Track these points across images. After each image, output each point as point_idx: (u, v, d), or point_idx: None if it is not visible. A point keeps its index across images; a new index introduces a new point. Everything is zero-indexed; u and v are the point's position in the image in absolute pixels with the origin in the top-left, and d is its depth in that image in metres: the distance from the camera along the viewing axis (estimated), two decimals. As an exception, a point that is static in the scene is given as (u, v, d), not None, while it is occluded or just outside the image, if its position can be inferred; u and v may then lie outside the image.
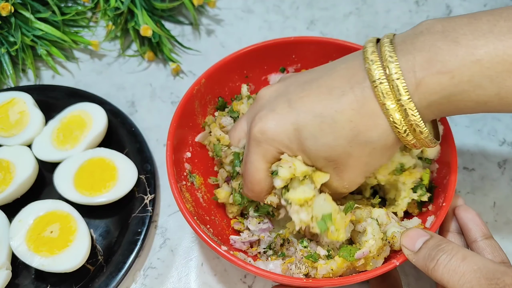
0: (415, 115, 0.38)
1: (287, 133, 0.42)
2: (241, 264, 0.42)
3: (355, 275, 0.43)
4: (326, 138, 0.41)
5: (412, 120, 0.38)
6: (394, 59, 0.38)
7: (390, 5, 0.75)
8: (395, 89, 0.38)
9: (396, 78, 0.38)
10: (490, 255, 0.44)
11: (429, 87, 0.37)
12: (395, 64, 0.38)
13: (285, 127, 0.42)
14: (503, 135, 0.62)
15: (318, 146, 0.42)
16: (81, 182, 0.56)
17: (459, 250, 0.39)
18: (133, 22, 0.69)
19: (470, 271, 0.37)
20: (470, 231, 0.46)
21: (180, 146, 0.52)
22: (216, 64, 0.55)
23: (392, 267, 0.42)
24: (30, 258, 0.51)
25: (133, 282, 0.53)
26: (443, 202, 0.45)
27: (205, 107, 0.56)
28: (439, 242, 0.40)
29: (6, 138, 0.59)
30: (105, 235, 0.55)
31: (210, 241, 0.44)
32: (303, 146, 0.42)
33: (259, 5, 0.76)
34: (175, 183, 0.47)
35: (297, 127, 0.42)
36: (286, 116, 0.42)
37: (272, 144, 0.43)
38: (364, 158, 0.42)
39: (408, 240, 0.42)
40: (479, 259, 0.38)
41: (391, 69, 0.38)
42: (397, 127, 0.39)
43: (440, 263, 0.39)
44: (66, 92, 0.64)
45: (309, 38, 0.57)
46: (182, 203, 0.46)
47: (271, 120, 0.43)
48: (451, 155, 0.47)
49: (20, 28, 0.67)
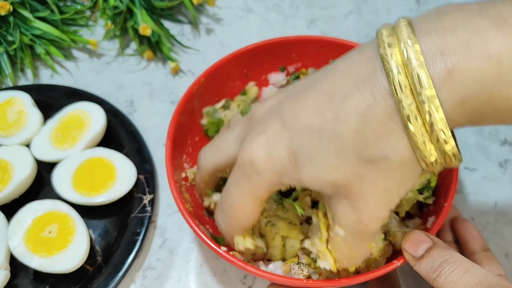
0: (440, 115, 0.29)
1: (282, 161, 0.35)
2: (241, 265, 0.42)
3: (356, 276, 0.42)
4: (328, 158, 0.33)
5: (434, 122, 0.29)
6: (414, 40, 0.30)
7: (390, 4, 0.75)
8: (415, 81, 0.29)
9: (416, 66, 0.29)
10: (488, 267, 0.43)
11: (465, 76, 0.28)
12: (414, 47, 0.29)
13: (278, 153, 0.35)
14: (505, 135, 0.62)
15: (319, 169, 0.34)
16: (79, 182, 0.55)
17: (462, 262, 0.37)
18: (132, 21, 0.68)
19: (471, 285, 0.36)
20: (468, 243, 0.46)
21: (179, 146, 0.52)
22: (216, 64, 0.55)
23: (393, 268, 0.42)
24: (29, 258, 0.50)
25: (132, 282, 0.53)
26: (444, 202, 0.45)
27: (204, 106, 0.55)
28: (443, 253, 0.38)
29: (4, 138, 0.59)
30: (104, 236, 0.55)
31: (209, 241, 0.44)
32: (301, 174, 0.35)
33: (259, 4, 0.75)
34: (174, 183, 0.47)
35: (292, 150, 0.34)
36: (278, 138, 0.35)
37: (264, 177, 0.36)
38: (380, 182, 0.33)
39: (409, 245, 0.39)
40: (481, 272, 0.36)
41: (409, 54, 0.29)
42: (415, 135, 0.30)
43: (442, 274, 0.37)
44: (65, 92, 0.64)
45: (310, 37, 0.56)
46: (181, 203, 0.45)
47: (262, 146, 0.35)
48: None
49: (18, 27, 0.67)
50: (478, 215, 0.56)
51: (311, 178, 0.34)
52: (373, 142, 0.32)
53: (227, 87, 0.57)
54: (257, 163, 0.35)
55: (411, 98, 0.30)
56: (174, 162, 0.49)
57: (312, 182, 0.35)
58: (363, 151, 0.32)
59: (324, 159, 0.33)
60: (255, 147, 0.36)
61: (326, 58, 0.55)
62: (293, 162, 0.35)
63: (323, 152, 0.33)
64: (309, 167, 0.34)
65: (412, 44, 0.30)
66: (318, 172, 0.34)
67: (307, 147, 0.34)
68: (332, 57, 0.54)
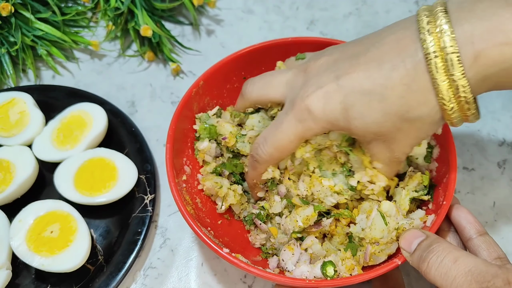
0: (467, 91, 0.37)
1: (335, 113, 0.41)
2: (243, 266, 0.43)
3: (358, 275, 0.43)
4: (375, 116, 0.40)
5: (462, 97, 0.37)
6: (450, 30, 0.36)
7: (390, 6, 0.75)
8: (449, 63, 0.36)
9: (451, 52, 0.36)
10: (485, 252, 0.44)
11: (489, 59, 0.36)
12: (451, 36, 0.36)
13: (333, 106, 0.41)
14: (503, 135, 0.62)
15: (367, 124, 0.41)
16: (81, 182, 0.56)
17: (450, 250, 0.38)
18: (133, 22, 0.69)
19: (461, 274, 0.37)
20: (464, 229, 0.46)
21: (179, 149, 0.52)
22: (214, 66, 0.55)
23: (394, 266, 0.42)
24: (30, 258, 0.51)
25: (133, 282, 0.53)
26: (444, 201, 0.45)
27: (203, 109, 0.56)
28: (431, 243, 0.40)
29: (6, 138, 0.59)
30: (105, 235, 0.55)
31: (212, 243, 0.44)
32: (350, 125, 0.41)
33: (259, 6, 0.76)
34: (175, 186, 0.47)
35: (345, 106, 0.41)
36: (334, 94, 0.41)
37: (318, 123, 0.42)
38: (413, 132, 0.41)
39: (405, 242, 0.42)
40: (470, 260, 0.37)
41: (446, 41, 0.36)
42: (445, 104, 0.38)
43: (431, 265, 0.38)
44: (66, 92, 0.64)
45: (308, 38, 0.57)
46: (183, 206, 0.46)
47: (320, 99, 0.42)
48: (451, 154, 0.48)
49: (20, 28, 0.67)
50: (477, 215, 0.56)
51: (358, 129, 0.42)
52: (414, 107, 0.39)
53: (225, 89, 0.57)
54: (314, 111, 0.42)
55: (444, 76, 0.37)
56: (174, 165, 0.49)
57: (359, 132, 0.42)
58: (404, 113, 0.39)
59: (372, 116, 0.40)
60: (313, 98, 0.42)
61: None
62: (345, 116, 0.41)
63: (371, 111, 0.40)
64: (358, 121, 0.41)
65: (450, 33, 0.36)
66: (366, 125, 0.41)
67: (358, 105, 0.40)
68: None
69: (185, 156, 0.53)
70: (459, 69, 0.36)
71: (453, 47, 0.36)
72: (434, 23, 0.37)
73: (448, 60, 0.36)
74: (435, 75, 0.37)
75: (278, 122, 0.45)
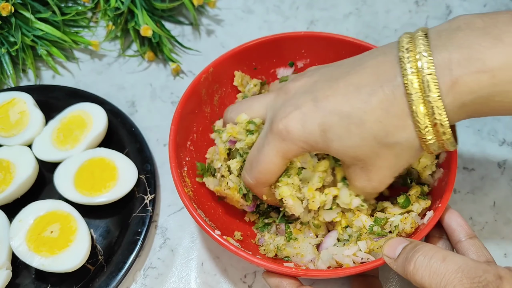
0: (442, 114, 0.37)
1: (313, 134, 0.42)
2: (232, 249, 0.43)
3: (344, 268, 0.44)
4: (353, 139, 0.40)
5: (437, 119, 0.37)
6: (428, 53, 0.37)
7: (389, 6, 0.75)
8: (425, 85, 0.37)
9: (427, 74, 0.37)
10: (474, 255, 0.43)
11: (466, 86, 0.36)
12: (428, 58, 0.37)
13: (311, 127, 0.41)
14: (503, 135, 0.62)
15: (345, 147, 0.41)
16: (81, 182, 0.56)
17: (437, 250, 0.38)
18: (133, 22, 0.69)
19: (451, 272, 0.36)
20: (454, 232, 0.45)
21: (184, 130, 0.52)
22: (226, 54, 0.55)
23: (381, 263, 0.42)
24: (30, 258, 0.51)
25: (133, 282, 0.53)
26: (439, 203, 0.45)
27: (211, 96, 0.56)
28: (416, 244, 0.39)
29: (6, 138, 0.59)
30: (105, 235, 0.55)
31: (205, 225, 0.45)
32: (329, 147, 0.42)
33: (259, 6, 0.76)
34: (175, 167, 0.47)
35: (324, 128, 0.41)
36: (312, 115, 0.41)
37: (297, 144, 0.42)
38: (392, 159, 0.41)
39: (389, 249, 0.41)
40: (459, 258, 0.37)
41: (423, 64, 0.37)
42: (420, 126, 0.38)
43: (418, 265, 0.37)
44: (66, 92, 0.64)
45: (320, 34, 0.57)
46: (180, 186, 0.46)
47: (298, 119, 0.42)
48: (450, 154, 0.47)
49: (20, 28, 0.67)
50: (477, 215, 0.56)
51: (337, 151, 0.42)
52: (392, 132, 0.39)
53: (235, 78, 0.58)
54: (292, 132, 0.42)
55: (420, 98, 0.37)
56: (177, 148, 0.49)
57: (337, 154, 0.42)
58: (383, 138, 0.40)
59: (350, 140, 0.41)
60: (291, 118, 0.42)
61: (335, 56, 0.54)
62: (323, 137, 0.41)
63: (349, 134, 0.40)
64: (336, 143, 0.41)
65: (427, 55, 0.37)
66: (344, 148, 0.41)
67: (337, 128, 0.41)
68: (341, 55, 0.53)
69: (189, 140, 0.53)
70: (435, 91, 0.36)
71: (430, 69, 0.36)
72: (414, 49, 0.38)
73: (424, 81, 0.37)
74: (411, 97, 0.37)
75: (260, 145, 0.45)
